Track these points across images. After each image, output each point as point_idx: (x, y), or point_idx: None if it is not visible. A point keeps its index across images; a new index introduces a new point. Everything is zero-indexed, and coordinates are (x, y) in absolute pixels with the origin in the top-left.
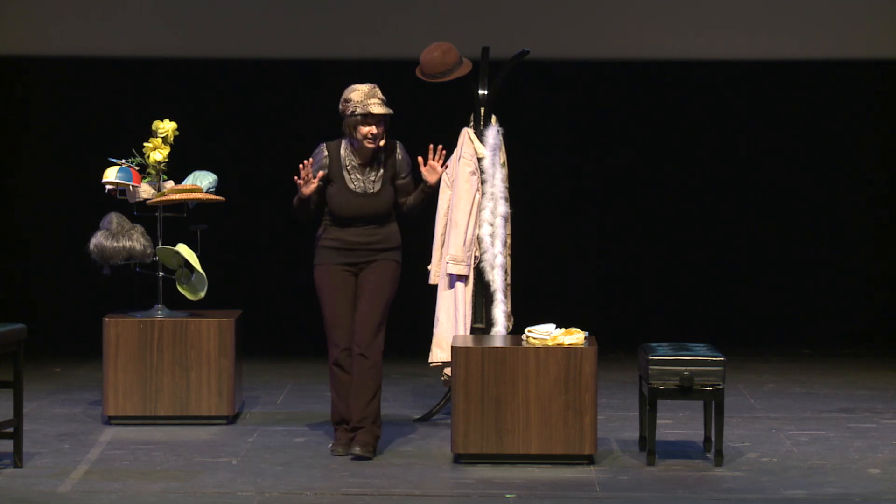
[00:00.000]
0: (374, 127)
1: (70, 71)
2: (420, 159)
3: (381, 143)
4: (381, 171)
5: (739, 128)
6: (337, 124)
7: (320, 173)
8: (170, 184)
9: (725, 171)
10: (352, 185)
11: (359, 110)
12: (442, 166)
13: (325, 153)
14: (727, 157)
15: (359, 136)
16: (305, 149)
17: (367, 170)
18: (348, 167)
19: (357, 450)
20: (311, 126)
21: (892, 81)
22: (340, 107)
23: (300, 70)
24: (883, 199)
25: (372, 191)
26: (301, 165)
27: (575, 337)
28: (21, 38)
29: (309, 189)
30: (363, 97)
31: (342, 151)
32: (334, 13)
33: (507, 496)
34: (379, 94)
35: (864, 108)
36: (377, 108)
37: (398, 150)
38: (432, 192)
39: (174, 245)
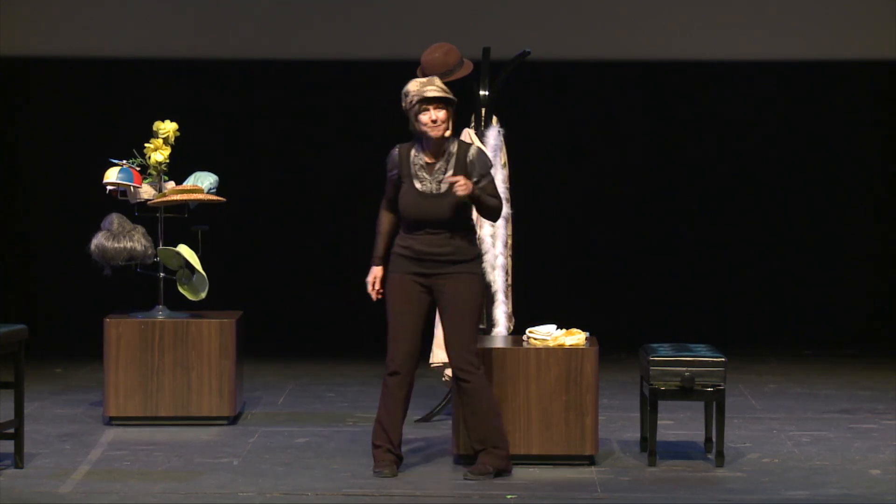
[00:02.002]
0: (432, 111)
1: (70, 71)
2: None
3: (447, 132)
4: (450, 171)
5: (740, 128)
6: (337, 124)
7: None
8: (171, 184)
9: (726, 172)
10: (419, 185)
11: (416, 98)
12: (457, 184)
13: (397, 153)
14: (728, 157)
15: (422, 127)
16: (305, 149)
17: (435, 169)
18: (417, 166)
19: (469, 471)
20: (311, 126)
21: (892, 82)
22: (403, 105)
23: (301, 70)
24: (883, 199)
25: (438, 191)
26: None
27: (576, 337)
28: (21, 38)
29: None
30: (420, 86)
31: (412, 151)
32: (335, 14)
33: (508, 497)
34: (438, 82)
35: (864, 108)
36: (433, 92)
37: (471, 151)
38: (473, 202)
39: (175, 246)
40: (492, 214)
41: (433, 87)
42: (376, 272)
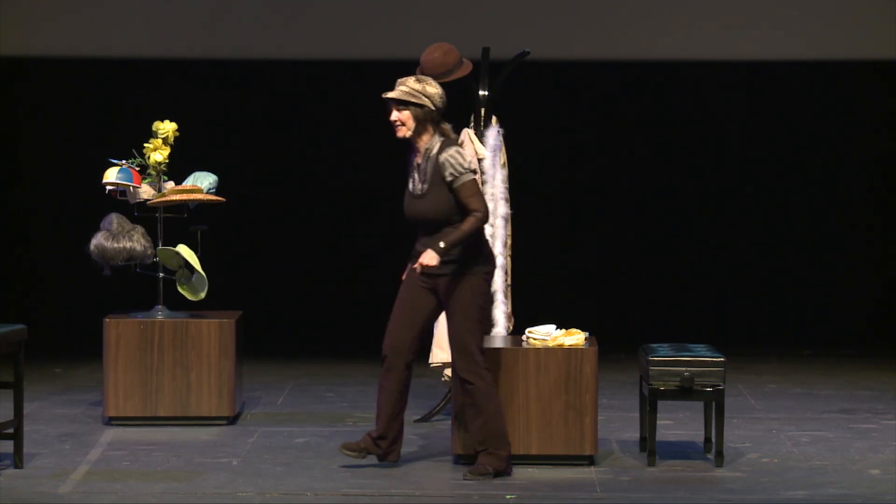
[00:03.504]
0: (394, 111)
1: (70, 71)
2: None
3: (407, 132)
4: (429, 171)
5: (740, 128)
6: (337, 124)
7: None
8: (170, 184)
9: (726, 172)
10: (410, 186)
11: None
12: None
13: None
14: (727, 157)
15: None
16: (305, 149)
17: (421, 169)
18: (411, 167)
19: (468, 472)
20: (311, 126)
21: (892, 82)
22: None
23: (301, 70)
24: (883, 199)
25: (420, 192)
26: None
27: (575, 338)
28: (21, 38)
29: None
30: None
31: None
32: (335, 14)
33: (508, 497)
34: (411, 83)
35: (864, 108)
36: (390, 94)
37: (446, 152)
38: (447, 254)
39: (175, 246)
40: (475, 236)
41: (398, 88)
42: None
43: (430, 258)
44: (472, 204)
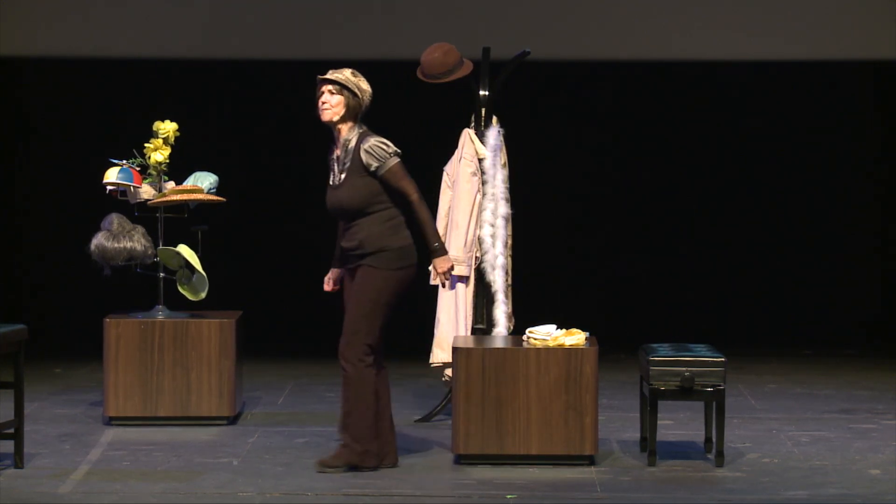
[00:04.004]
0: (325, 93)
1: (70, 71)
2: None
3: (334, 116)
4: (348, 161)
5: (740, 128)
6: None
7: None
8: (170, 184)
9: (726, 172)
10: (330, 178)
11: (318, 81)
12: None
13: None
14: (728, 157)
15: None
16: (305, 149)
17: (339, 159)
18: (331, 160)
19: (319, 462)
20: (311, 127)
21: (892, 82)
22: None
23: (301, 70)
24: (883, 199)
25: (338, 182)
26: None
27: (576, 337)
28: (21, 38)
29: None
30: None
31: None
32: (335, 14)
33: (508, 497)
34: (341, 70)
35: (864, 108)
36: (328, 74)
37: (366, 143)
38: (440, 253)
39: (175, 246)
40: (427, 214)
41: (333, 74)
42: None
43: (443, 265)
44: (405, 187)
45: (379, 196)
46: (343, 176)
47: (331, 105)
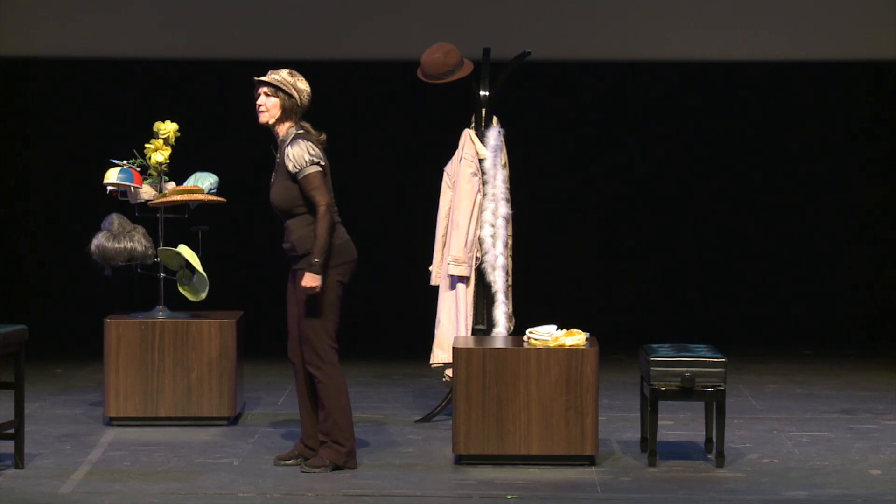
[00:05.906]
0: (261, 95)
1: (70, 71)
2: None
3: (270, 119)
4: (281, 160)
5: (740, 128)
6: (337, 124)
7: None
8: (171, 185)
9: (726, 172)
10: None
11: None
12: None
13: None
14: (727, 157)
15: None
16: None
17: (277, 158)
18: (275, 161)
19: (305, 464)
20: (311, 127)
21: (892, 82)
22: None
23: (301, 71)
24: (883, 199)
25: (272, 181)
26: None
27: (576, 338)
28: (21, 38)
29: None
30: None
31: None
32: (335, 14)
33: (509, 497)
34: (278, 71)
35: (863, 108)
36: (259, 77)
37: (291, 148)
38: (320, 270)
39: (175, 246)
40: (324, 229)
41: (271, 75)
42: None
43: (308, 281)
44: (315, 197)
45: (301, 196)
46: (274, 175)
47: (266, 107)
